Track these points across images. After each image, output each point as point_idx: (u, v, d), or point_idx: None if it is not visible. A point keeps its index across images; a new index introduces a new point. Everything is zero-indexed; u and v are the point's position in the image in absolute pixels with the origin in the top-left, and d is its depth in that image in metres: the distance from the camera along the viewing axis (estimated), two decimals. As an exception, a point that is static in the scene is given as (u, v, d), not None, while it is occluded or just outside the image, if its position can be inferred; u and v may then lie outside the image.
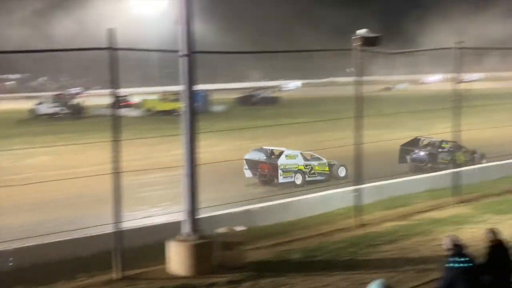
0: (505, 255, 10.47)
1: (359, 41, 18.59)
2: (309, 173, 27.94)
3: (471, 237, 16.36)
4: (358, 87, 19.08)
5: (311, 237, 17.82)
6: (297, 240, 17.46)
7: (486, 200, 22.48)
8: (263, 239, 17.37)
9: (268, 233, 18.18)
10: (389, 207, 21.38)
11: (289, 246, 16.83)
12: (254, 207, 19.77)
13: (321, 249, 16.45)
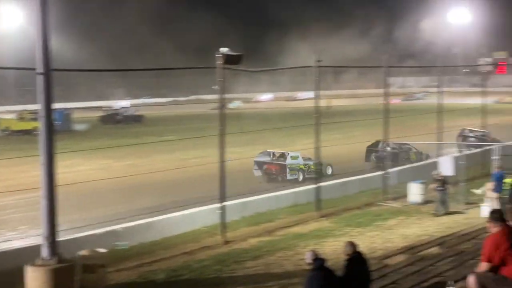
0: (364, 267, 10.78)
1: (222, 59, 18.73)
2: (307, 171, 31.36)
3: (332, 250, 16.84)
4: (222, 105, 19.20)
5: (175, 256, 17.64)
6: (161, 260, 17.22)
7: (347, 214, 23.22)
8: (127, 260, 17.00)
9: (132, 253, 17.82)
10: (254, 223, 21.60)
11: (153, 267, 16.56)
12: (117, 228, 19.29)
13: (186, 268, 16.30)
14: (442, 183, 23.13)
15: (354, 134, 41.73)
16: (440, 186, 23.02)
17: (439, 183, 23.13)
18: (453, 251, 14.68)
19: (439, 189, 22.98)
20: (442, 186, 23.02)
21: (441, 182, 23.13)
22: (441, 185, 23.03)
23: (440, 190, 22.93)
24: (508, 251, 7.98)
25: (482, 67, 36.17)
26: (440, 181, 23.16)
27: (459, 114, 44.33)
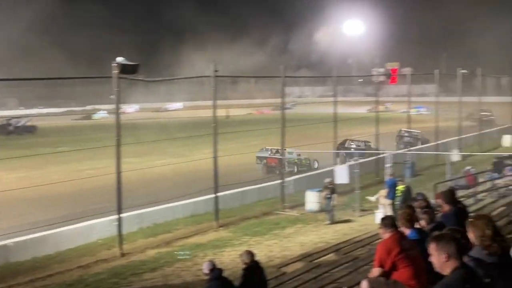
0: (260, 276, 10.82)
1: (118, 68, 18.41)
2: (300, 164, 34.98)
3: (231, 260, 16.84)
4: (118, 115, 18.87)
5: (70, 270, 17.16)
6: (56, 275, 16.71)
7: (245, 223, 23.31)
8: (19, 276, 16.37)
9: (25, 268, 17.18)
10: (152, 235, 21.33)
11: (47, 281, 16.06)
12: (8, 243, 18.53)
13: (82, 282, 15.89)
14: (331, 191, 23.45)
15: (252, 144, 42.00)
16: (329, 194, 23.36)
17: (329, 191, 23.47)
18: (348, 257, 14.98)
19: (328, 197, 23.35)
20: (331, 194, 23.37)
21: (330, 190, 23.47)
22: (330, 193, 23.36)
23: (329, 198, 23.29)
24: (399, 256, 8.18)
25: (376, 77, 37.32)
26: (330, 189, 23.49)
27: (355, 123, 45.56)
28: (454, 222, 9.42)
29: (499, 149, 42.51)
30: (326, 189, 23.58)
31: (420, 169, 33.87)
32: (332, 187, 23.59)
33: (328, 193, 23.35)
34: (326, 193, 23.47)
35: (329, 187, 23.54)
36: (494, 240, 6.24)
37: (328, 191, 23.41)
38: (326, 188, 23.60)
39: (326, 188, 23.58)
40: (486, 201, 21.31)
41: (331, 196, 23.25)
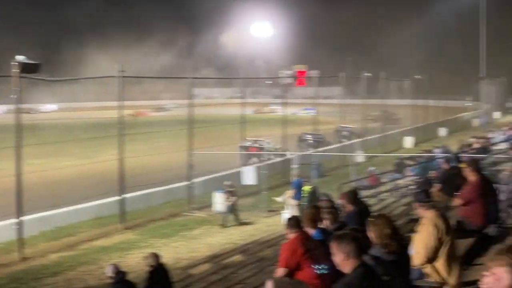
0: (166, 279, 10.73)
1: (18, 67, 17.82)
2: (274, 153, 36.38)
3: (137, 263, 16.60)
4: (18, 115, 18.26)
5: (-33, 276, 16.47)
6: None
7: (151, 225, 23.07)
8: None
9: None
10: (54, 238, 20.77)
11: None
12: None
13: (-22, 289, 15.28)
14: (231, 194, 23.40)
15: (159, 145, 41.61)
16: (229, 197, 23.31)
17: (229, 194, 23.42)
18: (255, 258, 15.07)
19: (228, 199, 23.32)
20: (232, 197, 23.32)
21: (231, 193, 23.44)
22: (231, 196, 23.32)
23: (229, 200, 23.27)
24: (303, 256, 8.27)
25: (283, 79, 37.71)
26: (230, 192, 23.45)
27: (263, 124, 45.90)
28: (357, 221, 9.64)
29: (401, 150, 43.84)
30: (227, 192, 23.53)
31: (326, 170, 34.48)
32: (232, 190, 23.57)
33: (228, 196, 23.32)
34: (227, 196, 23.40)
35: (229, 190, 23.54)
36: (393, 239, 6.43)
37: (228, 194, 23.40)
38: (227, 192, 23.57)
39: (227, 191, 23.57)
40: (388, 200, 21.91)
41: (230, 199, 23.21)
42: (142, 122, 55.85)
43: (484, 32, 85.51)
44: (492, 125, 49.91)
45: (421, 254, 7.29)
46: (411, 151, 40.88)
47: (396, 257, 6.37)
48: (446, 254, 7.33)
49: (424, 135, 51.11)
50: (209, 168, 30.64)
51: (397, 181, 26.01)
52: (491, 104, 78.12)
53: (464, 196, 9.96)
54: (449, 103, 61.51)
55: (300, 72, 48.85)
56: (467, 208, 9.82)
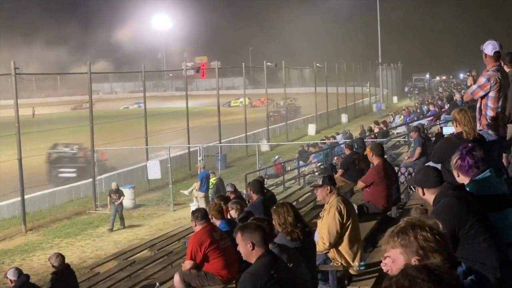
0: (71, 279, 10.48)
1: None
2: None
3: (41, 265, 16.16)
4: None
5: None
6: None
7: (56, 225, 22.50)
8: None
9: None
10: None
11: None
12: None
13: None
14: (119, 195, 21.92)
15: (62, 142, 40.58)
16: (117, 199, 21.75)
17: (116, 195, 21.85)
18: (163, 252, 14.92)
19: (113, 202, 21.65)
20: (118, 199, 21.78)
21: (118, 194, 21.93)
22: (118, 198, 21.79)
23: (116, 203, 21.62)
24: (210, 248, 8.28)
25: (185, 71, 37.50)
26: (116, 193, 21.92)
27: (166, 118, 45.55)
28: (262, 210, 9.72)
29: (305, 137, 44.57)
30: (113, 194, 21.87)
31: (232, 161, 34.65)
32: (119, 191, 22.14)
33: (117, 198, 21.71)
34: (113, 198, 21.73)
35: (115, 191, 21.99)
36: (296, 226, 6.51)
37: (114, 195, 21.79)
38: (112, 193, 21.94)
39: (113, 192, 21.94)
40: (294, 188, 22.22)
41: (116, 201, 21.63)
42: (41, 120, 54.22)
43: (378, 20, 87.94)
44: (390, 110, 51.50)
45: (325, 239, 7.43)
46: (314, 138, 41.65)
47: (300, 243, 6.45)
48: (349, 238, 7.50)
49: (326, 122, 52.18)
50: (114, 164, 30.18)
51: (302, 168, 26.42)
52: (388, 90, 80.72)
53: (366, 180, 10.21)
54: (349, 89, 62.99)
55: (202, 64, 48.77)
56: (370, 191, 10.08)
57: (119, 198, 21.83)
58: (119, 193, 22.07)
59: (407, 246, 3.30)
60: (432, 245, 3.26)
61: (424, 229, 3.30)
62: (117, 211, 21.56)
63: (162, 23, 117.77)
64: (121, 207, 21.84)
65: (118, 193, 22.03)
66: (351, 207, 7.85)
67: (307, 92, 62.28)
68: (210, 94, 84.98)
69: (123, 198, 22.17)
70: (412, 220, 3.42)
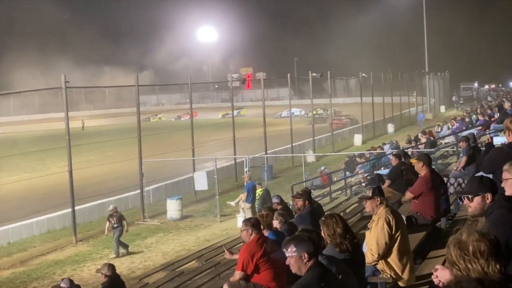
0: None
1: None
2: None
3: (91, 275, 16.40)
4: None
5: None
6: None
7: (104, 236, 22.70)
8: None
9: None
10: (6, 254, 20.42)
11: None
12: None
13: None
14: (118, 219, 20.22)
15: (109, 154, 41.22)
16: (116, 223, 20.11)
17: (115, 219, 20.21)
18: (210, 263, 15.00)
19: (115, 226, 20.09)
20: (118, 223, 20.09)
21: (117, 218, 20.24)
22: (117, 222, 20.12)
23: (116, 227, 20.05)
24: (261, 259, 8.27)
25: (231, 82, 37.71)
26: (115, 217, 20.27)
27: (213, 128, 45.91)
28: (309, 221, 9.71)
29: (351, 148, 44.34)
30: (111, 218, 20.29)
31: (277, 172, 34.66)
32: (118, 215, 20.41)
33: (114, 223, 20.11)
34: (112, 223, 20.17)
35: (114, 214, 20.34)
36: (345, 238, 6.49)
37: (114, 220, 20.19)
38: (111, 216, 20.33)
39: (111, 216, 20.34)
40: (340, 199, 22.11)
41: (119, 224, 20.08)
42: (90, 132, 55.15)
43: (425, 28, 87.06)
44: (437, 120, 50.83)
45: (374, 251, 7.38)
46: (360, 148, 41.43)
47: (349, 255, 6.44)
48: (398, 250, 7.44)
49: (373, 132, 51.80)
50: (161, 175, 30.47)
51: (348, 179, 26.28)
52: (436, 99, 79.73)
53: (414, 190, 10.11)
54: (395, 99, 62.45)
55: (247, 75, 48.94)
56: (418, 202, 9.97)
57: (118, 223, 20.05)
58: (119, 217, 20.29)
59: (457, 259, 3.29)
60: (485, 255, 3.24)
61: (477, 239, 3.28)
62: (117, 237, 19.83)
63: (208, 35, 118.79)
64: (119, 232, 19.92)
65: (117, 217, 20.24)
66: (400, 218, 7.79)
67: (352, 102, 61.92)
68: (255, 105, 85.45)
69: (125, 222, 20.43)
70: (465, 232, 3.39)
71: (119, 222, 20.07)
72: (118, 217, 20.21)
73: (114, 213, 20.33)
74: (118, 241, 19.77)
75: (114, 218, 20.16)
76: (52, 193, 28.04)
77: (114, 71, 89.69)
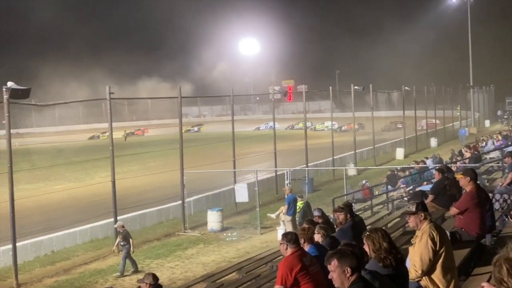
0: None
1: (8, 93, 17.79)
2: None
3: (132, 285, 16.53)
4: (9, 140, 18.24)
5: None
6: None
7: (146, 246, 22.95)
8: None
9: None
10: (50, 263, 20.66)
11: None
12: None
13: (-25, 317, 15.17)
14: (124, 237, 19.50)
15: (151, 165, 41.63)
16: (122, 240, 19.43)
17: (121, 237, 19.57)
18: (251, 275, 15.02)
19: (122, 244, 19.44)
20: (125, 241, 19.38)
21: (123, 236, 19.55)
22: (123, 240, 19.42)
23: (123, 245, 19.38)
24: (300, 273, 8.26)
25: (272, 95, 37.77)
26: (122, 235, 19.61)
27: (252, 140, 45.99)
28: (351, 235, 9.67)
29: (393, 162, 43.95)
30: (119, 235, 19.80)
31: (318, 185, 34.55)
32: (124, 232, 19.67)
33: (121, 240, 19.50)
34: (119, 240, 19.64)
35: (121, 232, 19.71)
36: (390, 253, 6.44)
37: (120, 237, 19.60)
38: (119, 234, 19.85)
39: (119, 233, 19.86)
40: (382, 213, 21.94)
41: (124, 243, 19.35)
42: (133, 142, 55.81)
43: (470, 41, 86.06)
44: (481, 134, 50.10)
45: (417, 267, 7.31)
46: (402, 162, 41.03)
47: (392, 270, 6.39)
48: (442, 266, 7.35)
49: (415, 146, 51.30)
50: (201, 186, 30.64)
51: (390, 193, 26.06)
52: (480, 113, 78.62)
53: (460, 206, 9.98)
54: (439, 113, 61.78)
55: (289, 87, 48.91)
56: (463, 218, 9.85)
57: (125, 240, 19.37)
58: (125, 235, 19.60)
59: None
60: None
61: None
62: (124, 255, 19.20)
63: (250, 47, 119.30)
64: (126, 250, 19.25)
65: (123, 234, 19.59)
66: (444, 234, 7.70)
67: (395, 115, 61.48)
68: (296, 117, 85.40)
69: (131, 241, 19.62)
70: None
71: (125, 240, 19.34)
72: (124, 235, 19.50)
73: (121, 231, 19.66)
74: (125, 259, 19.09)
75: (121, 236, 19.55)
76: (95, 202, 28.39)
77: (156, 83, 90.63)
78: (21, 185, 18.94)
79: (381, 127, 54.61)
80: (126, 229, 19.78)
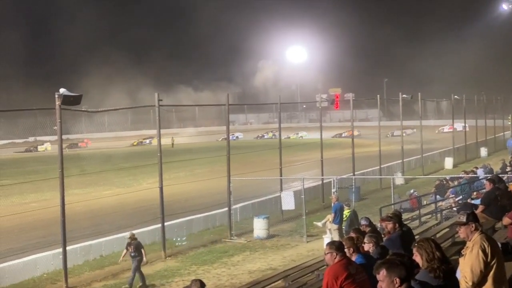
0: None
1: (60, 99, 18.15)
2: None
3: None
4: (61, 146, 18.60)
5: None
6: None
7: (192, 252, 23.10)
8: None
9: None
10: (99, 267, 20.96)
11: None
12: None
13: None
14: (136, 248, 18.64)
15: (198, 172, 41.92)
16: (134, 251, 18.58)
17: (132, 247, 18.66)
18: (297, 283, 14.98)
19: (132, 255, 18.64)
20: (136, 252, 18.56)
21: (134, 246, 18.65)
22: (135, 251, 18.56)
23: (134, 256, 18.60)
24: (346, 282, 8.21)
25: (320, 103, 37.70)
26: (133, 245, 18.68)
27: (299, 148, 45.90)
28: (399, 245, 9.57)
29: (441, 171, 43.35)
30: (129, 246, 18.75)
31: (365, 193, 34.30)
32: (136, 242, 18.77)
33: (132, 251, 18.62)
34: (129, 251, 18.70)
35: (132, 243, 18.75)
36: (443, 263, 6.36)
37: (131, 248, 18.67)
38: (129, 245, 18.76)
39: (129, 244, 18.76)
40: (430, 223, 21.64)
41: (135, 254, 18.57)
42: (180, 149, 56.28)
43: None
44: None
45: (468, 278, 7.20)
46: (451, 172, 40.44)
47: (443, 281, 6.30)
48: (493, 278, 7.22)
49: (464, 155, 50.53)
50: (248, 194, 30.73)
51: (439, 203, 25.71)
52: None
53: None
54: (489, 122, 60.73)
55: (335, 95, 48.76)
56: (515, 229, 9.68)
57: (136, 251, 18.55)
58: (136, 245, 18.69)
59: None
60: None
61: None
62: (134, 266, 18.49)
63: (297, 55, 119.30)
64: (137, 262, 18.48)
65: (135, 245, 18.66)
66: (496, 245, 7.57)
67: (444, 124, 60.65)
68: (343, 126, 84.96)
69: (144, 251, 18.76)
70: None
71: (137, 251, 18.51)
72: (135, 245, 18.56)
73: (132, 241, 18.73)
74: (135, 271, 18.41)
75: (132, 246, 18.58)
76: (142, 208, 28.74)
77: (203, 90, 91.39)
78: (71, 190, 19.22)
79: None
80: (138, 240, 18.96)
